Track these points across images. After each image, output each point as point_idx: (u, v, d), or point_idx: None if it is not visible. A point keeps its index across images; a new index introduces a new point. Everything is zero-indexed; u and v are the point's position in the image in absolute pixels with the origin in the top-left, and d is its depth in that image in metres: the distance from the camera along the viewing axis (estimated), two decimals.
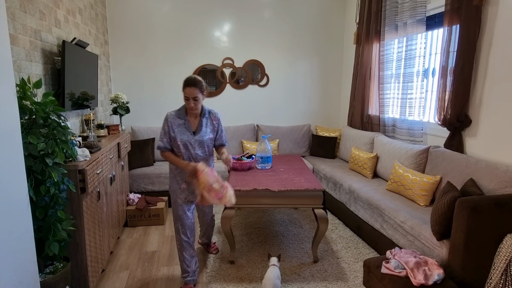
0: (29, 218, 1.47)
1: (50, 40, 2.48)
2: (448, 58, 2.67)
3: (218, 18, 4.39)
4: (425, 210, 2.51)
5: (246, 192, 2.48)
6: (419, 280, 1.73)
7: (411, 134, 3.21)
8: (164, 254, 2.80)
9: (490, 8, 2.42)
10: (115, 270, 2.56)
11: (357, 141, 3.91)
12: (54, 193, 1.74)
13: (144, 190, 3.74)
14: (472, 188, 2.16)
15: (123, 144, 3.16)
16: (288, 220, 3.46)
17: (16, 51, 1.99)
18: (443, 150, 2.72)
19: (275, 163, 3.28)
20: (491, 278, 1.70)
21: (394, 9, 3.38)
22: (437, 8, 2.95)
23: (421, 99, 3.13)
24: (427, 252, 2.11)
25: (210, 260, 2.67)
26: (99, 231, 2.36)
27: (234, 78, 4.57)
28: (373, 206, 2.74)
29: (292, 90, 4.74)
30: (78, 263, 2.08)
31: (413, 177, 2.73)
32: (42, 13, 2.35)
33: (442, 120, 2.75)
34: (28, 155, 1.60)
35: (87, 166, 2.02)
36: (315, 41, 4.66)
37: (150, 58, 4.32)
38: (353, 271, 2.51)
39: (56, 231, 1.76)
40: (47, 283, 1.74)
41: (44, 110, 1.69)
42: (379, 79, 3.70)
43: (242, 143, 4.42)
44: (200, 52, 4.42)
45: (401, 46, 3.40)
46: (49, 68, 2.44)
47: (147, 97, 4.41)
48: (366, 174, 3.46)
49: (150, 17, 4.23)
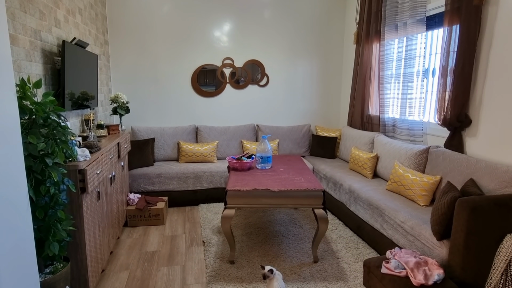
0: (29, 218, 1.47)
1: (50, 40, 2.48)
2: (448, 58, 2.67)
3: (218, 18, 4.39)
4: (425, 210, 2.51)
5: (246, 192, 2.48)
6: (419, 280, 1.73)
7: (411, 134, 3.21)
8: (164, 254, 2.80)
9: (490, 8, 2.42)
10: (115, 270, 2.56)
11: (357, 141, 3.91)
12: (54, 193, 1.74)
13: (144, 190, 3.74)
14: (472, 188, 2.16)
15: (123, 144, 3.16)
16: (288, 220, 3.46)
17: (16, 51, 1.99)
18: (443, 150, 2.72)
19: (275, 163, 3.28)
20: (491, 278, 1.70)
21: (394, 9, 3.38)
22: (437, 8, 2.94)
23: (421, 99, 3.13)
24: (427, 252, 2.11)
25: (210, 260, 2.67)
26: (99, 231, 2.36)
27: (234, 78, 4.57)
28: (373, 206, 2.74)
29: (292, 90, 4.74)
30: (78, 263, 2.08)
31: (413, 177, 2.73)
32: (42, 13, 2.35)
33: (442, 120, 2.75)
34: (28, 155, 1.60)
35: (87, 166, 2.02)
36: (315, 41, 4.66)
37: (150, 58, 4.32)
38: (353, 271, 2.51)
39: (56, 231, 1.76)
40: (47, 283, 1.74)
41: (44, 110, 1.69)
42: (379, 79, 3.70)
43: (242, 143, 4.42)
44: (200, 52, 4.42)
45: (401, 46, 3.40)
46: (49, 68, 2.44)
47: (147, 97, 4.41)
48: (366, 174, 3.46)
49: (150, 17, 4.23)
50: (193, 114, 4.55)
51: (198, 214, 3.67)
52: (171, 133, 4.26)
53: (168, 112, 4.48)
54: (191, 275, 2.49)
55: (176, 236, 3.15)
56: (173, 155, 4.24)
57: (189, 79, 4.46)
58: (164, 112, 4.46)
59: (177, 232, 3.23)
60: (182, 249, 2.89)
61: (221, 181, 3.90)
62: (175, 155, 4.25)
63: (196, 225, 3.39)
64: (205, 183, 3.87)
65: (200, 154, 4.11)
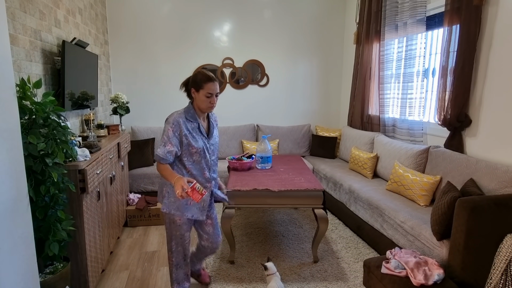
0: (29, 218, 1.47)
1: (50, 40, 2.48)
2: (448, 58, 2.67)
3: (218, 18, 4.39)
4: (425, 210, 2.51)
5: (246, 192, 2.48)
6: (419, 280, 1.73)
7: (411, 134, 3.21)
8: (164, 254, 2.80)
9: (490, 8, 2.42)
10: (115, 270, 2.56)
11: (357, 141, 3.91)
12: (54, 193, 1.74)
13: (144, 190, 3.74)
14: (472, 188, 2.16)
15: (123, 144, 3.16)
16: (288, 220, 3.46)
17: (16, 51, 1.99)
18: (443, 150, 2.72)
19: (275, 163, 3.28)
20: (491, 278, 1.70)
21: (394, 9, 3.38)
22: (437, 8, 2.94)
23: (421, 99, 3.13)
24: (427, 252, 2.11)
25: (210, 260, 2.67)
26: (99, 231, 2.36)
27: (234, 78, 4.57)
28: (373, 206, 2.74)
29: (292, 90, 4.74)
30: (78, 263, 2.07)
31: (413, 177, 2.73)
32: (42, 13, 2.35)
33: (442, 120, 2.75)
34: (28, 155, 1.60)
35: (87, 166, 2.02)
36: (315, 41, 4.66)
37: (150, 58, 4.32)
38: (353, 271, 2.51)
39: (56, 231, 1.76)
40: (47, 283, 1.74)
41: (44, 110, 1.69)
42: (379, 79, 3.70)
43: (242, 143, 4.42)
44: (200, 52, 4.42)
45: (401, 46, 3.40)
46: (49, 68, 2.44)
47: (147, 97, 4.41)
48: (366, 174, 3.46)
49: (150, 17, 4.23)
50: None
51: None
52: None
53: (168, 112, 4.47)
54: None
55: None
56: None
57: None
58: (164, 112, 4.46)
59: None
60: None
61: (221, 181, 3.89)
62: None
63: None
64: None
65: None
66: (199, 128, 1.92)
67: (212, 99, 1.86)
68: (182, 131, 1.84)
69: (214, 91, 1.85)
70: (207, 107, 1.88)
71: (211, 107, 1.89)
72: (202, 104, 1.87)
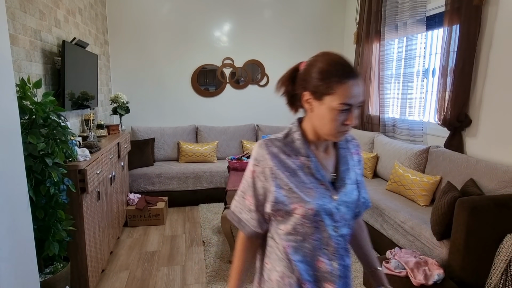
0: (29, 218, 1.47)
1: (50, 40, 2.48)
2: (448, 58, 2.67)
3: (218, 18, 4.39)
4: (425, 210, 2.51)
5: None
6: (419, 280, 1.73)
7: (411, 134, 3.21)
8: (164, 254, 2.80)
9: (490, 8, 2.42)
10: (115, 270, 2.56)
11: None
12: (54, 193, 1.74)
13: (144, 190, 3.74)
14: (472, 188, 2.16)
15: (123, 144, 3.16)
16: None
17: (16, 51, 1.99)
18: (443, 150, 2.72)
19: None
20: (491, 278, 1.70)
21: (394, 9, 3.38)
22: (437, 8, 2.94)
23: (421, 99, 3.13)
24: (427, 252, 2.11)
25: (210, 260, 2.67)
26: (99, 231, 2.36)
27: (234, 78, 4.57)
28: (373, 206, 2.74)
29: None
30: (78, 263, 2.07)
31: (413, 177, 2.72)
32: (42, 13, 2.35)
33: (442, 120, 2.75)
34: (28, 155, 1.60)
35: (87, 166, 2.02)
36: (315, 41, 4.66)
37: (150, 58, 4.32)
38: (353, 271, 2.50)
39: (56, 231, 1.76)
40: (47, 283, 1.74)
41: (44, 110, 1.69)
42: (379, 79, 3.70)
43: (242, 143, 4.42)
44: (200, 52, 4.41)
45: (401, 46, 3.40)
46: (49, 68, 2.44)
47: (147, 97, 4.40)
48: (366, 174, 3.46)
49: (150, 17, 4.23)
50: (193, 114, 4.55)
51: (198, 214, 3.67)
52: (171, 133, 4.26)
53: (168, 112, 4.48)
54: (191, 275, 2.49)
55: (176, 236, 3.15)
56: (173, 155, 4.24)
57: (189, 79, 4.46)
58: (164, 112, 4.46)
59: (177, 232, 3.23)
60: (182, 249, 2.89)
61: (221, 181, 3.90)
62: (175, 155, 4.24)
63: (196, 225, 3.39)
64: (205, 183, 3.87)
65: (200, 154, 4.11)
66: (313, 167, 0.95)
67: (349, 117, 0.89)
68: (276, 174, 0.94)
69: (356, 97, 0.88)
70: (337, 133, 0.91)
71: (344, 132, 0.92)
72: (328, 124, 0.90)
